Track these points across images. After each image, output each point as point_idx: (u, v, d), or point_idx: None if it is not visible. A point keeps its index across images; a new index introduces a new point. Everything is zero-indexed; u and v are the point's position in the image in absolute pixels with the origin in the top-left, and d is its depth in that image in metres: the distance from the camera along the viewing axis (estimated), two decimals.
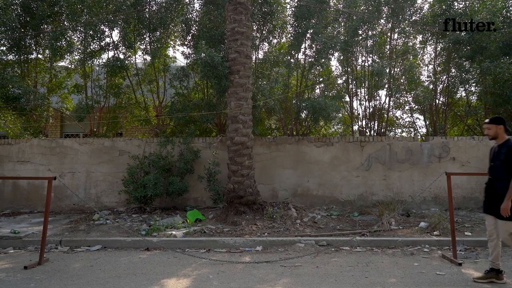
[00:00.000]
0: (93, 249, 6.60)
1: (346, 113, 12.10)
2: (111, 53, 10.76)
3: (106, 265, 5.63)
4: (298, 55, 10.88)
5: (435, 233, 7.15)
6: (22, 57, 10.99)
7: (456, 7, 10.57)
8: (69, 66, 11.59)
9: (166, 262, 5.77)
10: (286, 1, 10.68)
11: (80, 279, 4.97)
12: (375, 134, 11.00)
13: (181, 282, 4.87)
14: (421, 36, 11.42)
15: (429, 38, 11.25)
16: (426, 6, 11.12)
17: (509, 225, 4.62)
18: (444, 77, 11.26)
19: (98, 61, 11.06)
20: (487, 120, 4.94)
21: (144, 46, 11.04)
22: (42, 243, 5.80)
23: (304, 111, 10.50)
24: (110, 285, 4.74)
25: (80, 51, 10.79)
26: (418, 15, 11.00)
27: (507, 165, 4.65)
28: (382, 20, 10.98)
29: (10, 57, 11.05)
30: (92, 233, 7.40)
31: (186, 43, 10.80)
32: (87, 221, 8.45)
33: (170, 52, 11.50)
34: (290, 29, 10.82)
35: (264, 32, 10.65)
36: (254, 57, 10.43)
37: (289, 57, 10.76)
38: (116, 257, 6.13)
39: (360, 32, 10.67)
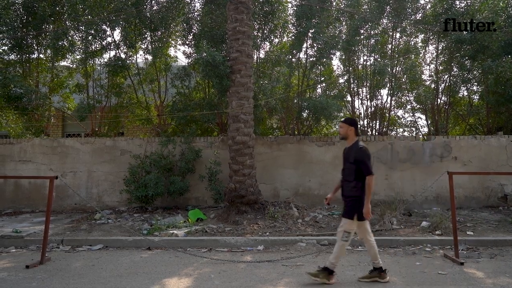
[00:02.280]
0: (95, 249, 6.60)
1: (348, 113, 12.08)
2: (112, 53, 10.77)
3: (107, 265, 5.63)
4: (299, 55, 10.88)
5: (437, 232, 7.13)
6: (24, 56, 11.03)
7: (458, 6, 10.54)
8: (71, 65, 11.61)
9: (168, 262, 5.77)
10: (288, 0, 10.67)
11: (82, 278, 4.98)
12: (376, 133, 10.99)
13: (182, 281, 4.86)
14: (423, 35, 11.40)
15: (431, 37, 11.24)
16: (428, 6, 11.08)
17: (348, 224, 4.67)
18: (446, 76, 11.24)
19: (100, 61, 11.09)
20: (342, 119, 5.05)
21: (145, 46, 11.04)
22: (43, 242, 5.80)
23: (306, 111, 10.49)
24: (111, 285, 4.74)
25: (81, 50, 10.80)
26: (420, 14, 10.98)
27: (355, 167, 4.73)
28: (384, 19, 10.95)
29: (12, 56, 11.08)
30: (94, 232, 7.41)
31: (187, 42, 10.79)
32: (89, 221, 8.45)
33: (172, 51, 11.56)
34: (292, 28, 10.81)
35: (265, 31, 10.65)
36: (255, 56, 10.43)
37: (290, 57, 10.75)
38: (117, 256, 6.13)
39: (361, 31, 10.65)
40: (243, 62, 8.41)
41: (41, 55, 11.43)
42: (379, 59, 10.77)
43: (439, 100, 11.19)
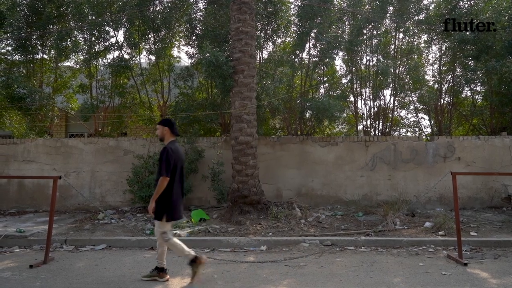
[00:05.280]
0: (98, 248, 6.61)
1: (351, 113, 12.07)
2: (115, 53, 10.83)
3: (111, 264, 5.64)
4: (302, 55, 10.89)
5: (440, 233, 7.11)
6: (28, 57, 11.07)
7: (461, 6, 10.51)
8: (74, 66, 11.66)
9: (171, 261, 5.77)
10: (290, 1, 10.67)
11: (85, 278, 4.99)
12: (379, 133, 10.97)
13: (185, 281, 4.87)
14: (426, 35, 11.37)
15: (434, 37, 11.20)
16: (432, 6, 11.04)
17: (160, 225, 4.71)
18: (449, 76, 11.21)
19: (103, 61, 11.13)
20: (158, 121, 5.06)
21: (148, 46, 11.08)
22: (47, 242, 5.82)
23: (308, 111, 10.48)
24: (114, 284, 4.75)
25: (85, 51, 10.84)
26: (423, 15, 10.95)
27: (159, 166, 4.74)
28: (386, 20, 10.93)
29: (16, 57, 11.14)
30: (97, 232, 7.43)
31: (190, 43, 10.81)
32: (92, 221, 8.47)
33: (175, 52, 11.62)
34: (295, 28, 10.82)
35: (268, 31, 10.65)
36: (258, 56, 10.43)
37: (293, 57, 10.74)
38: (120, 256, 6.14)
39: (364, 31, 10.64)
40: (246, 63, 8.42)
41: (45, 56, 11.50)
42: (382, 60, 10.75)
43: (442, 100, 11.16)
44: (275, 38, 10.88)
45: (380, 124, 11.12)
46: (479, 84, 11.03)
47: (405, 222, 7.97)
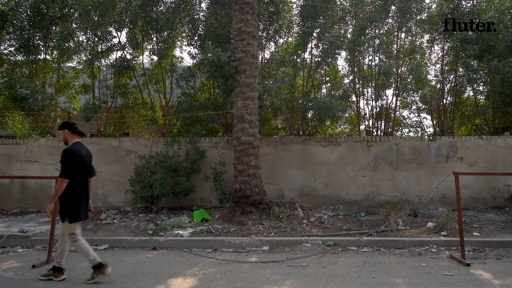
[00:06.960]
0: (100, 249, 6.62)
1: (353, 113, 12.05)
2: (118, 54, 10.83)
3: (113, 264, 5.62)
4: (304, 55, 10.87)
5: (442, 233, 7.10)
6: (30, 57, 11.10)
7: (464, 6, 10.48)
8: (77, 66, 11.67)
9: (173, 262, 5.78)
10: (292, 1, 10.67)
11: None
12: (382, 134, 10.95)
13: (187, 281, 4.87)
14: (428, 35, 11.34)
15: (437, 37, 11.17)
16: (434, 6, 11.02)
17: (66, 227, 4.76)
18: (452, 76, 11.17)
19: (106, 62, 11.14)
20: (58, 127, 5.08)
21: (151, 47, 11.09)
22: (50, 242, 5.84)
23: (310, 111, 10.47)
24: (117, 284, 4.76)
25: (87, 51, 10.86)
26: (425, 14, 10.92)
27: (61, 168, 4.73)
28: (389, 19, 10.91)
29: (19, 57, 11.16)
30: (99, 232, 7.44)
31: (192, 43, 10.80)
32: (94, 221, 8.49)
33: (177, 52, 11.54)
34: (297, 28, 10.80)
35: (270, 31, 10.64)
36: (260, 56, 10.43)
37: (295, 57, 10.73)
38: (123, 256, 6.16)
39: (367, 31, 10.61)
40: (248, 63, 8.42)
41: (48, 56, 11.52)
42: (384, 59, 10.73)
43: (444, 100, 11.13)
44: (277, 38, 10.87)
45: (382, 124, 11.10)
46: (481, 84, 10.99)
47: (408, 222, 7.96)
